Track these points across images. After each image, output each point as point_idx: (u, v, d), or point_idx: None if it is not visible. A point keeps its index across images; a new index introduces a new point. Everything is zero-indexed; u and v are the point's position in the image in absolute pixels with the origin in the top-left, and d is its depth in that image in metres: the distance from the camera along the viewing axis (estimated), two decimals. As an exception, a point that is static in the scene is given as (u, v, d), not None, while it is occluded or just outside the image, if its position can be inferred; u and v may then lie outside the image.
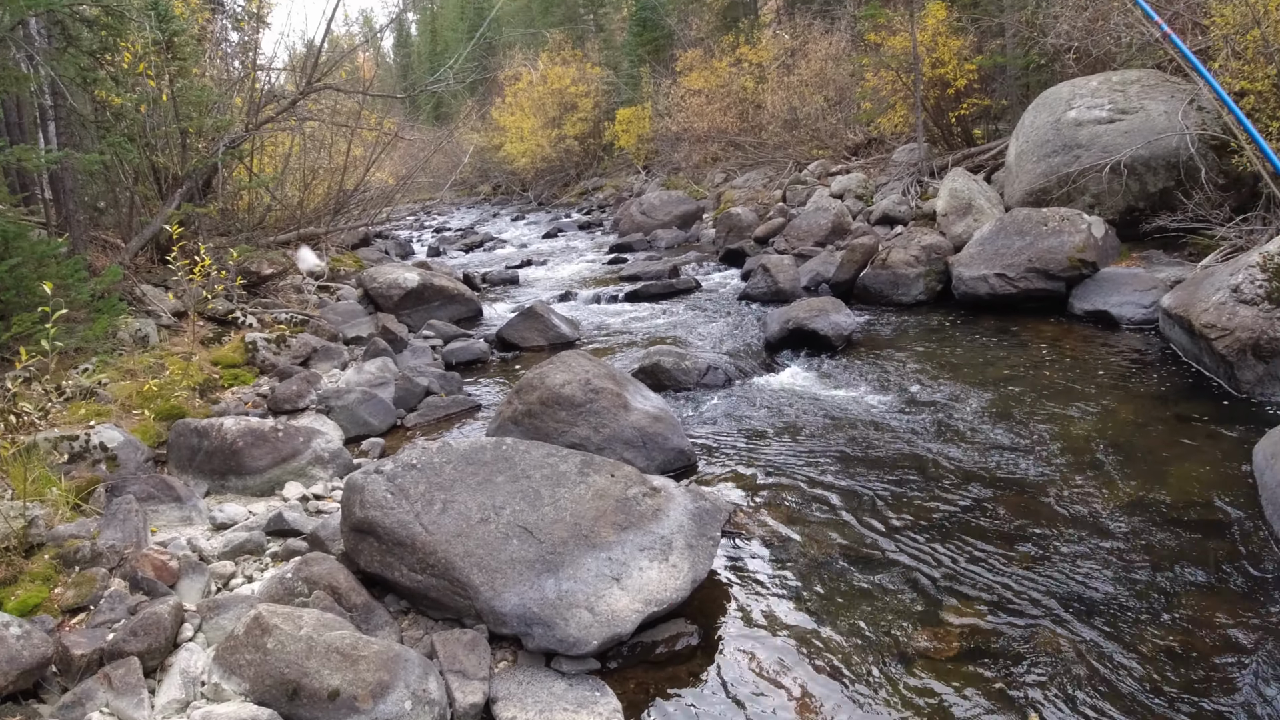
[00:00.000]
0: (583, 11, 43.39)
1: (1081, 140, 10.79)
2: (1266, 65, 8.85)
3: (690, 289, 12.32)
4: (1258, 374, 6.53)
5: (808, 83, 21.76)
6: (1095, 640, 3.79)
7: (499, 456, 4.41)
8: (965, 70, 15.90)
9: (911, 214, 13.87)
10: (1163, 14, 11.55)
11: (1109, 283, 9.07)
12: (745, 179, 21.77)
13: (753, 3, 28.95)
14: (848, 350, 8.53)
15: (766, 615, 4.13)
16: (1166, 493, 5.10)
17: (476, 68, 35.13)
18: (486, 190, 42.94)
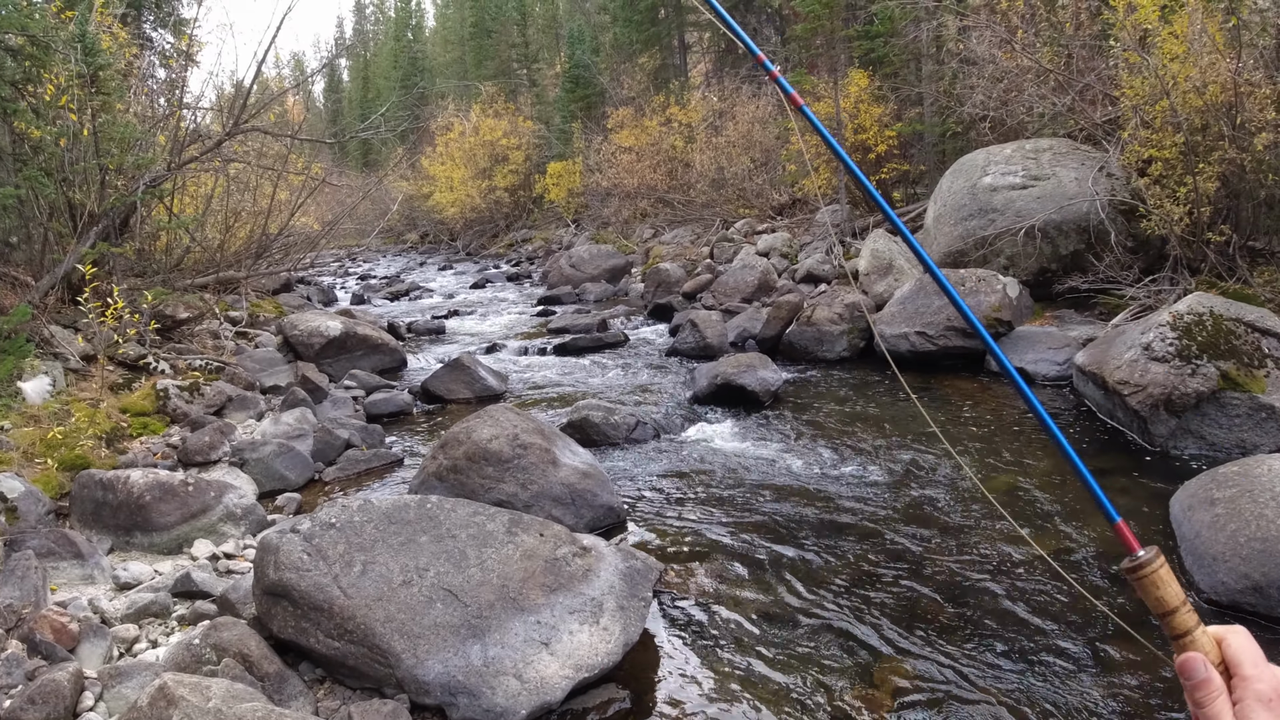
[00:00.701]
0: (516, 66, 43.82)
1: (996, 205, 11.22)
2: (1174, 134, 9.34)
3: (619, 343, 12.34)
4: (1170, 428, 6.78)
5: (735, 144, 22.28)
6: (1029, 696, 3.83)
7: (423, 515, 4.29)
8: (885, 136, 16.49)
9: (834, 273, 14.19)
10: (1073, 86, 12.21)
11: (1024, 341, 9.38)
12: (673, 235, 22.06)
13: (683, 65, 29.62)
14: (774, 405, 8.60)
15: (700, 678, 4.06)
16: (1089, 545, 5.22)
17: (408, 116, 35.11)
18: (414, 239, 42.69)
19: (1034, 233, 10.66)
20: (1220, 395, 6.67)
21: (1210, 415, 6.71)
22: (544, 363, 11.43)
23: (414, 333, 14.22)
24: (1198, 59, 9.27)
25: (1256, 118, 9.05)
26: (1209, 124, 9.33)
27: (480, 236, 35.86)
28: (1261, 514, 4.69)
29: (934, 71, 16.28)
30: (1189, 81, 9.23)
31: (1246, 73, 9.16)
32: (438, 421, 8.71)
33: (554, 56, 43.65)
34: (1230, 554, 4.60)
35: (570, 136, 31.33)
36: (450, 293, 21.21)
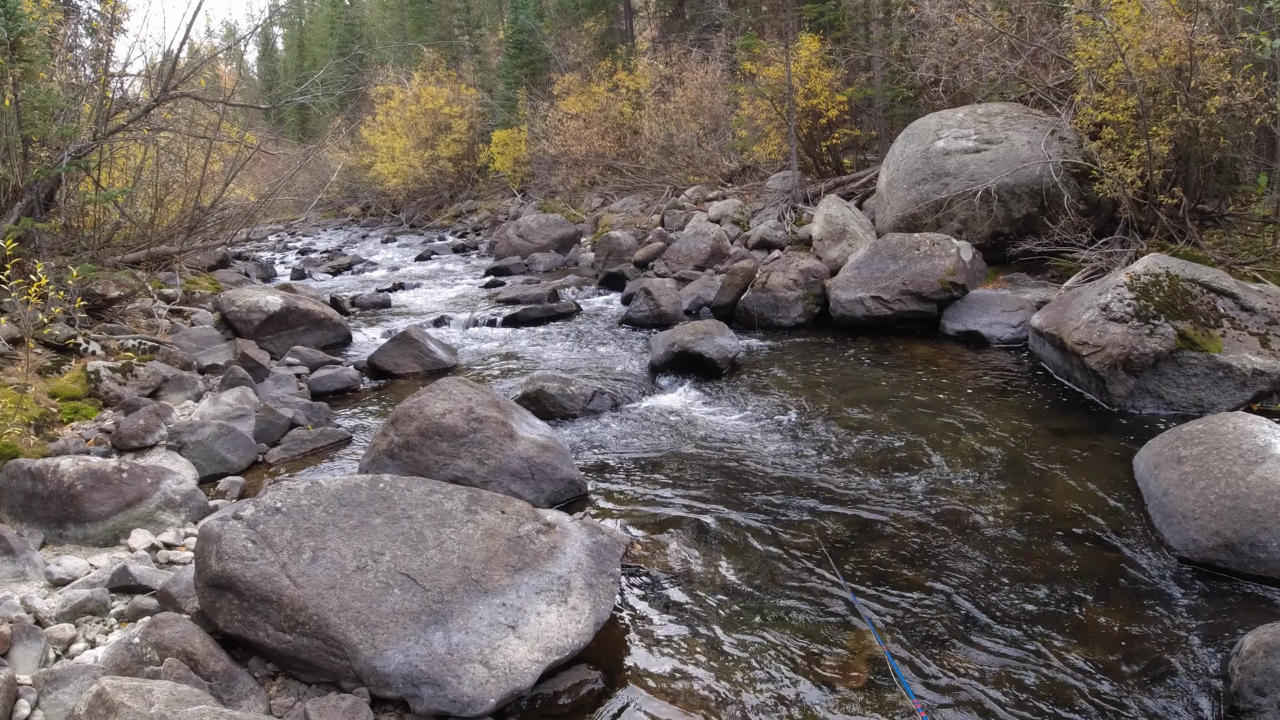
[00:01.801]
0: (458, 31, 42.88)
1: (949, 169, 11.18)
2: (1127, 97, 9.34)
3: (571, 313, 12.10)
4: (1129, 387, 6.80)
5: (684, 110, 22.01)
6: (1000, 655, 3.78)
7: (376, 496, 4.04)
8: (836, 101, 16.35)
9: (787, 239, 14.08)
10: (1026, 49, 12.18)
11: (978, 304, 9.37)
12: (623, 203, 21.78)
13: (630, 30, 29.15)
14: (732, 373, 8.47)
15: (673, 653, 3.91)
16: (1054, 505, 5.19)
17: (346, 82, 34.15)
18: (355, 211, 41.70)
19: (988, 196, 10.64)
20: (1178, 355, 6.70)
21: (1168, 375, 6.74)
22: (495, 334, 11.16)
23: (358, 307, 13.82)
24: (1152, 22, 9.26)
25: (1210, 80, 9.08)
26: (1162, 87, 9.35)
27: (424, 208, 35.14)
28: (1231, 471, 4.70)
29: (885, 35, 16.18)
30: (1143, 44, 9.22)
31: (1201, 35, 9.16)
32: (387, 397, 8.41)
33: (497, 22, 42.73)
34: (1201, 511, 4.60)
35: (515, 104, 30.72)
36: (395, 266, 20.71)
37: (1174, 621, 3.99)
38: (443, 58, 38.84)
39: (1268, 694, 3.33)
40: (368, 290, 15.54)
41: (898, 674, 3.60)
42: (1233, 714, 3.39)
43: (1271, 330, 6.86)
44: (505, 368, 9.24)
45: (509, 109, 31.29)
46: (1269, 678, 3.35)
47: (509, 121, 30.68)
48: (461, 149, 34.11)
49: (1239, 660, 3.49)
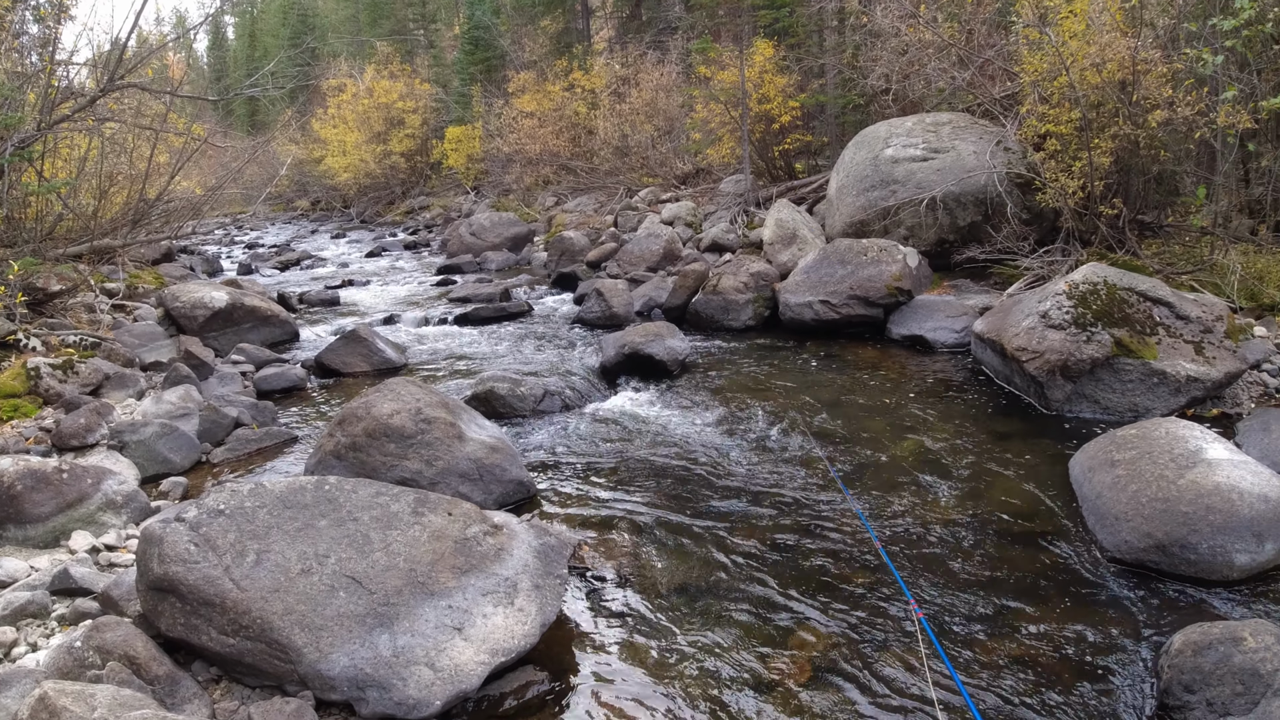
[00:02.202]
0: (413, 26, 42.50)
1: (898, 176, 11.37)
2: (1071, 110, 9.57)
3: (523, 312, 12.07)
4: (1066, 393, 6.99)
5: (639, 111, 22.07)
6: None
7: (321, 498, 4.01)
8: (789, 107, 16.52)
9: (739, 242, 14.20)
10: (974, 61, 12.42)
11: (924, 309, 9.55)
12: (577, 203, 21.78)
13: (586, 30, 29.12)
14: (683, 374, 8.53)
15: (620, 654, 3.95)
16: (992, 507, 5.32)
17: (297, 75, 33.62)
18: (305, 205, 41.14)
19: (934, 204, 10.84)
20: (1114, 361, 6.89)
21: (1105, 380, 6.93)
22: (445, 334, 11.08)
23: (306, 304, 13.63)
24: (1097, 36, 9.49)
25: (1152, 95, 9.33)
26: (1105, 101, 9.59)
27: (376, 203, 34.74)
28: (1162, 475, 4.85)
29: (837, 43, 16.39)
30: (1087, 59, 9.44)
31: (1145, 51, 9.41)
32: (334, 397, 8.33)
33: (453, 17, 42.43)
34: (1133, 513, 4.74)
35: (470, 100, 30.51)
36: (344, 262, 20.45)
37: (1106, 621, 4.12)
38: (397, 52, 38.47)
39: (1196, 691, 3.45)
40: (316, 287, 15.35)
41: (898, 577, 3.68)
42: (1163, 711, 3.50)
43: (1205, 338, 7.09)
44: (456, 368, 9.20)
45: (463, 105, 31.08)
46: (1197, 675, 3.47)
47: (463, 118, 30.46)
48: (415, 144, 33.80)
49: (1168, 659, 3.61)
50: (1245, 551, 4.45)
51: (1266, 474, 4.87)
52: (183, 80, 18.90)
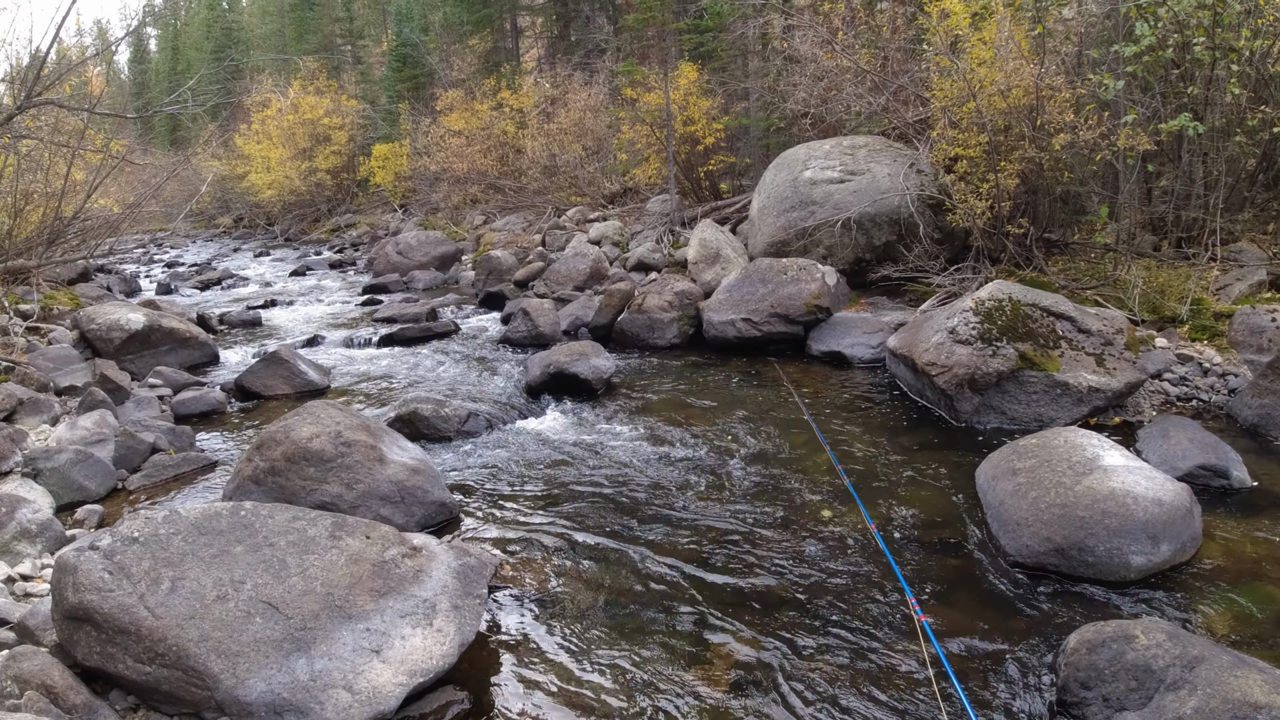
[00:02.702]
0: (340, 41, 42.05)
1: (816, 198, 11.68)
2: (979, 134, 9.96)
3: (449, 332, 12.03)
4: (974, 405, 7.27)
5: (567, 131, 22.18)
6: (855, 658, 4.04)
7: (237, 524, 4.01)
8: (713, 129, 16.83)
9: (665, 261, 14.39)
10: (889, 87, 12.83)
11: (841, 326, 9.83)
12: (505, 222, 21.77)
13: (515, 49, 29.19)
14: (608, 393, 8.63)
15: (540, 670, 4.01)
16: (904, 516, 5.52)
17: (220, 90, 32.98)
18: (227, 223, 40.27)
19: (850, 224, 11.17)
20: (1019, 374, 7.19)
21: (1010, 392, 7.22)
22: (370, 355, 11.00)
23: (227, 325, 13.38)
24: (1004, 64, 9.90)
25: (1055, 119, 9.76)
26: (1011, 125, 9.99)
27: (300, 221, 34.17)
28: (1060, 481, 5.08)
29: (760, 68, 16.75)
30: (994, 85, 9.85)
31: (1048, 77, 9.86)
32: (255, 420, 8.22)
33: (380, 33, 42.14)
34: (1033, 519, 4.95)
35: (397, 118, 30.30)
36: (267, 281, 20.10)
37: (1009, 623, 4.31)
38: (323, 67, 38.01)
39: (1092, 688, 3.60)
40: (238, 307, 15.07)
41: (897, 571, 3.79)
42: (1061, 707, 3.67)
43: (1106, 350, 7.44)
44: (380, 389, 9.15)
45: (391, 123, 30.85)
46: (1092, 672, 3.63)
47: (391, 135, 30.23)
48: (341, 161, 33.39)
49: (1065, 657, 3.77)
50: (1141, 553, 4.68)
51: (1160, 478, 5.13)
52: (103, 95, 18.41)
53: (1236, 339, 8.50)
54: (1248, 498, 5.76)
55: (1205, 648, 3.57)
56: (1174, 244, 10.51)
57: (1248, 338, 8.40)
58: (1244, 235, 10.67)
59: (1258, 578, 4.70)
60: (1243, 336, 8.45)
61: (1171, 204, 10.51)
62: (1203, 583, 4.67)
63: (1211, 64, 9.39)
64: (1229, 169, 9.94)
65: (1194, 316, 8.98)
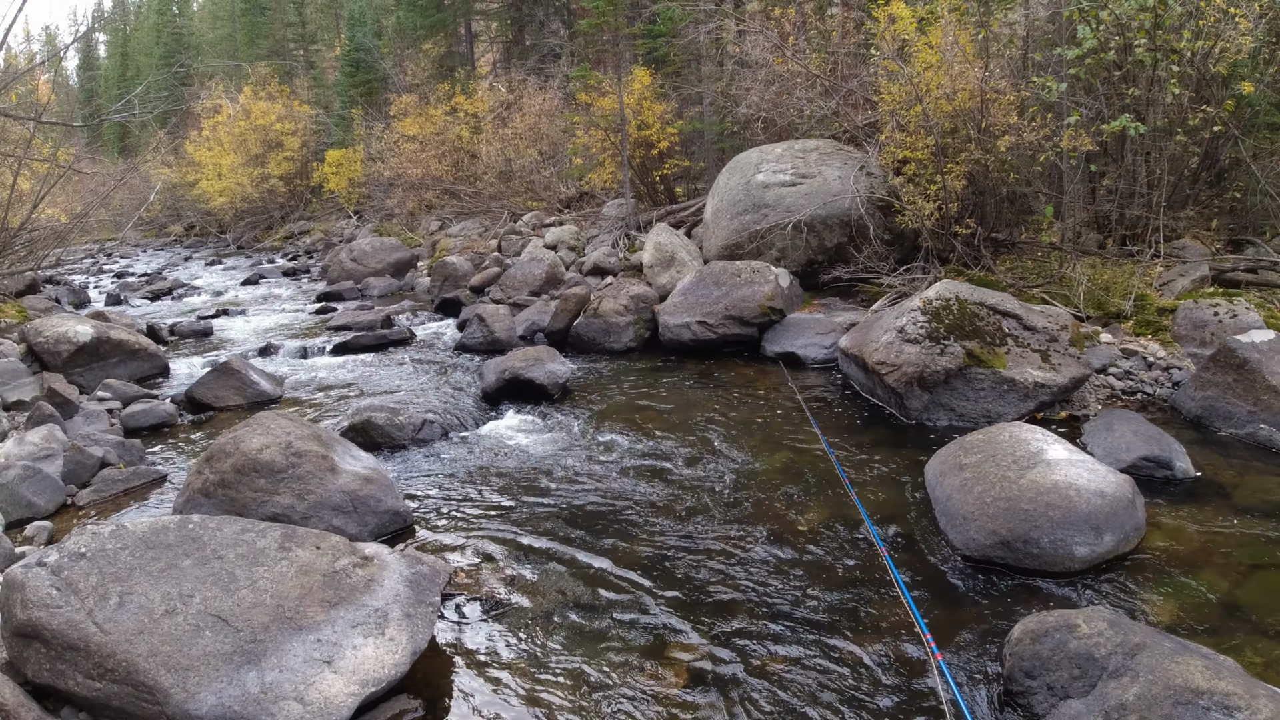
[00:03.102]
0: (292, 46, 41.59)
1: (769, 201, 11.81)
2: (926, 137, 10.13)
3: (405, 340, 11.97)
4: (924, 402, 7.41)
5: (522, 136, 22.14)
6: (806, 654, 4.10)
7: (185, 537, 3.98)
8: (668, 133, 16.92)
9: (621, 265, 14.44)
10: (839, 91, 13.00)
11: (795, 327, 9.95)
12: (461, 228, 21.68)
13: (470, 54, 29.07)
14: (564, 398, 8.65)
15: (494, 677, 4.03)
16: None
17: (169, 97, 32.48)
18: (178, 231, 39.62)
19: (802, 227, 11.31)
20: (967, 371, 7.33)
21: (959, 389, 7.36)
22: (324, 363, 10.90)
23: (177, 335, 13.17)
24: (949, 68, 10.09)
25: (1000, 122, 9.96)
26: (958, 127, 10.19)
27: (253, 228, 33.72)
28: (1004, 476, 5.19)
29: (713, 72, 16.88)
30: (941, 89, 10.03)
31: (993, 80, 10.06)
32: (206, 432, 8.12)
33: (333, 38, 41.75)
34: (979, 513, 5.06)
35: (351, 123, 30.03)
36: (219, 290, 19.80)
37: (956, 614, 4.41)
38: (275, 72, 37.56)
39: (1037, 677, 3.68)
40: (189, 317, 14.87)
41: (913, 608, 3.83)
42: (1008, 696, 3.75)
43: (1051, 347, 7.61)
44: (334, 398, 9.09)
45: (344, 128, 30.58)
46: (1036, 662, 3.71)
47: (344, 141, 29.96)
48: (294, 167, 32.98)
49: (1010, 647, 3.85)
50: (1085, 544, 4.80)
51: (1103, 470, 5.27)
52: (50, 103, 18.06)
53: (1180, 333, 8.73)
54: (1191, 488, 5.93)
55: (1147, 635, 3.64)
56: (1118, 241, 10.77)
57: (1191, 332, 8.63)
58: (1187, 232, 10.97)
59: (1201, 566, 4.85)
60: (1186, 331, 8.68)
61: (1115, 202, 10.76)
62: (1147, 571, 4.81)
63: (1153, 65, 9.64)
64: (1171, 167, 10.20)
65: (1138, 312, 9.20)
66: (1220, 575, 4.75)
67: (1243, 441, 6.77)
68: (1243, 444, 6.73)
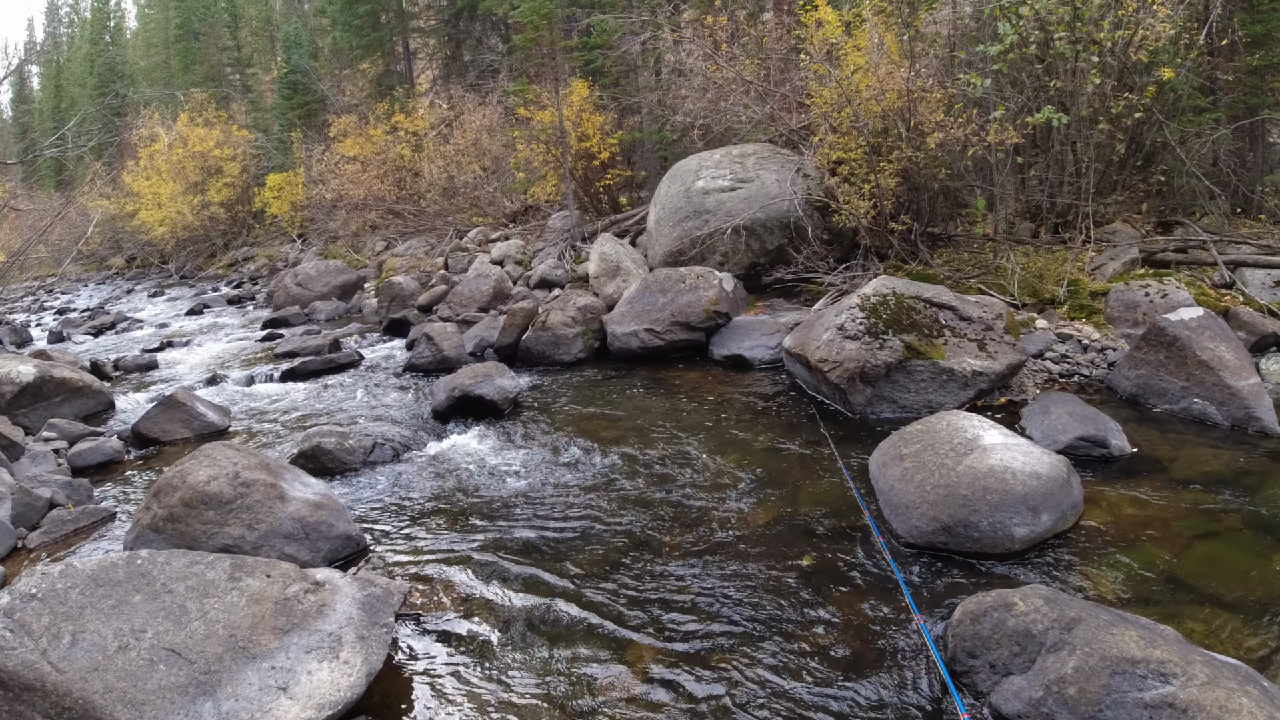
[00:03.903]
0: (228, 71, 41.06)
1: (709, 206, 11.97)
2: (858, 137, 10.36)
3: (353, 363, 11.89)
4: (867, 396, 7.59)
5: (464, 152, 22.12)
6: (762, 649, 4.21)
7: (134, 573, 3.99)
8: (608, 144, 17.05)
9: (567, 277, 14.53)
10: (772, 96, 13.23)
11: (741, 330, 10.11)
12: (406, 247, 21.59)
13: (409, 72, 28.96)
14: (515, 413, 8.69)
15: (452, 695, 4.08)
16: (805, 508, 5.76)
17: (105, 128, 31.91)
18: (119, 263, 38.88)
19: (742, 230, 11.50)
20: (906, 364, 7.53)
21: (900, 382, 7.55)
22: (272, 391, 10.80)
23: (122, 370, 12.96)
24: (877, 69, 10.33)
25: (928, 120, 10.22)
26: (888, 127, 10.44)
27: (195, 257, 33.20)
28: (943, 464, 5.36)
29: (650, 82, 17.04)
30: (869, 90, 10.27)
31: (919, 80, 10.31)
32: (154, 467, 8.04)
33: (269, 61, 41.30)
34: (920, 501, 5.24)
35: (290, 146, 29.73)
36: (163, 322, 19.48)
37: (901, 601, 4.55)
38: (211, 98, 37.06)
39: (979, 655, 3.84)
40: (133, 351, 14.64)
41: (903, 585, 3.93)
42: (953, 676, 3.88)
43: (987, 335, 7.83)
44: (283, 425, 9.04)
45: (284, 151, 30.26)
46: (977, 641, 3.87)
47: (284, 164, 29.65)
48: (234, 193, 32.56)
49: (952, 628, 4.01)
50: (1023, 525, 4.98)
51: (1037, 452, 5.46)
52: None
53: (1113, 315, 9.02)
54: (1128, 464, 6.17)
55: (1083, 609, 3.78)
56: (1050, 229, 11.09)
57: (1123, 313, 8.93)
58: (1117, 217, 11.33)
59: (1138, 539, 5.06)
60: (1118, 312, 8.98)
61: (1045, 192, 11.08)
62: (1086, 548, 5.01)
63: (1074, 57, 9.96)
64: (1098, 155, 10.54)
65: (1071, 297, 9.49)
66: (1159, 547, 4.95)
67: (1177, 416, 7.05)
68: (1177, 419, 7.01)
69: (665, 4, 16.77)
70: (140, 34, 57.78)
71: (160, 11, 52.06)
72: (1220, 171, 11.64)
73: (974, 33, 11.88)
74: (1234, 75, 11.38)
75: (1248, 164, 11.87)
